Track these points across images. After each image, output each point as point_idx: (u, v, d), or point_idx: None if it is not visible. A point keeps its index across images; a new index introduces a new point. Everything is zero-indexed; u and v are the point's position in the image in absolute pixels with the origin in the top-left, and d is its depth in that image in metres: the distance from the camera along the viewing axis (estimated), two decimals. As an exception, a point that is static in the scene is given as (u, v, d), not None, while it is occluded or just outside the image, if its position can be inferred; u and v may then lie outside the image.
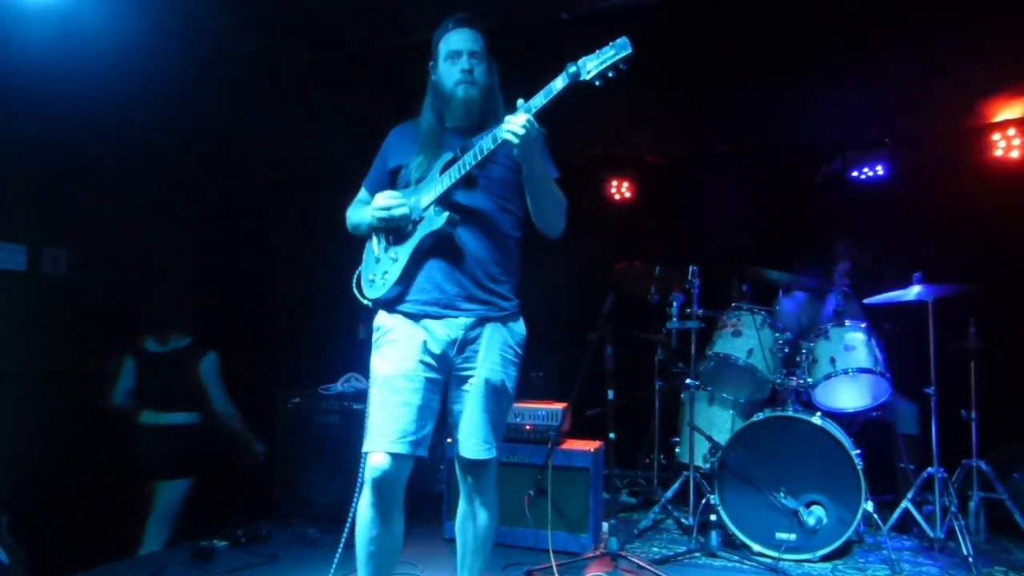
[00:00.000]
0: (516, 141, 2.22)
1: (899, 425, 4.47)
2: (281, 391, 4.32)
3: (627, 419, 4.69)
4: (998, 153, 5.06)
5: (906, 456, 4.37)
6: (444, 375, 2.45)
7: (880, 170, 5.40)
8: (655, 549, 3.89)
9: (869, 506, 3.61)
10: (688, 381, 4.26)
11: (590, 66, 2.17)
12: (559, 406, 3.98)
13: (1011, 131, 5.01)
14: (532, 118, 2.23)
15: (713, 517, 3.81)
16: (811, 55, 4.35)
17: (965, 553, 3.53)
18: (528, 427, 3.96)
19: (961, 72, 4.46)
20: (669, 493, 4.23)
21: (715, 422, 4.44)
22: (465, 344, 2.44)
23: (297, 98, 4.50)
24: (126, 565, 3.54)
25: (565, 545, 3.70)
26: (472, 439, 2.44)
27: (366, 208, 2.55)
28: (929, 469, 3.87)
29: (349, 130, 4.36)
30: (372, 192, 2.61)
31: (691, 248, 4.60)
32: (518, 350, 2.55)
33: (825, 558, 3.63)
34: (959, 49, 4.20)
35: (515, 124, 2.21)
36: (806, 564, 3.62)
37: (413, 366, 2.36)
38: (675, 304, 4.38)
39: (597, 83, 2.19)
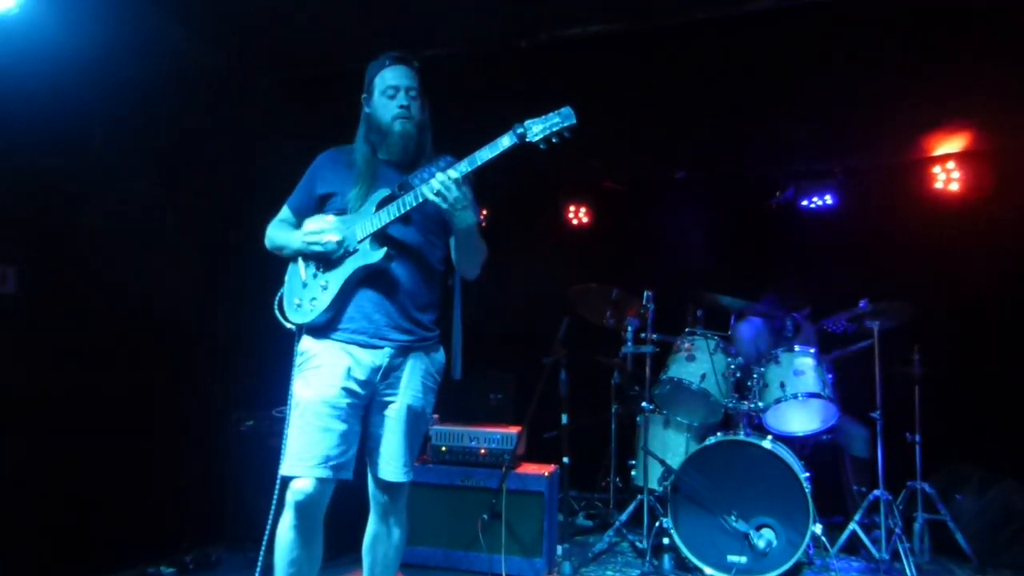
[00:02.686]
0: (443, 202, 2.33)
1: (849, 448, 4.57)
2: (234, 414, 4.25)
3: (585, 442, 4.73)
4: (938, 185, 5.26)
5: (855, 478, 4.48)
6: (366, 400, 2.49)
7: (829, 199, 5.57)
8: (609, 573, 3.90)
9: (818, 529, 3.68)
10: (643, 405, 4.31)
11: (536, 129, 2.30)
12: (514, 430, 3.99)
13: (950, 164, 5.21)
14: (459, 179, 2.32)
15: (666, 540, 3.85)
16: (764, 89, 4.50)
17: (909, 574, 3.62)
18: (483, 451, 3.96)
19: (905, 108, 4.65)
20: (624, 516, 4.27)
21: (670, 445, 4.49)
22: (389, 371, 2.49)
23: (260, 118, 4.49)
24: (68, 593, 3.44)
25: (519, 570, 3.70)
26: (392, 463, 2.50)
27: (292, 231, 2.59)
28: (875, 491, 3.97)
29: (312, 152, 4.36)
30: (296, 214, 2.65)
31: (646, 273, 4.68)
32: (437, 377, 2.63)
33: (775, 580, 3.69)
34: (903, 87, 4.39)
35: (446, 184, 2.31)
36: (756, 586, 3.67)
37: (336, 392, 2.39)
38: (630, 328, 4.44)
39: (542, 146, 2.32)
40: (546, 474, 3.85)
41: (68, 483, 3.59)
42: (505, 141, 2.34)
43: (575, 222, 6.30)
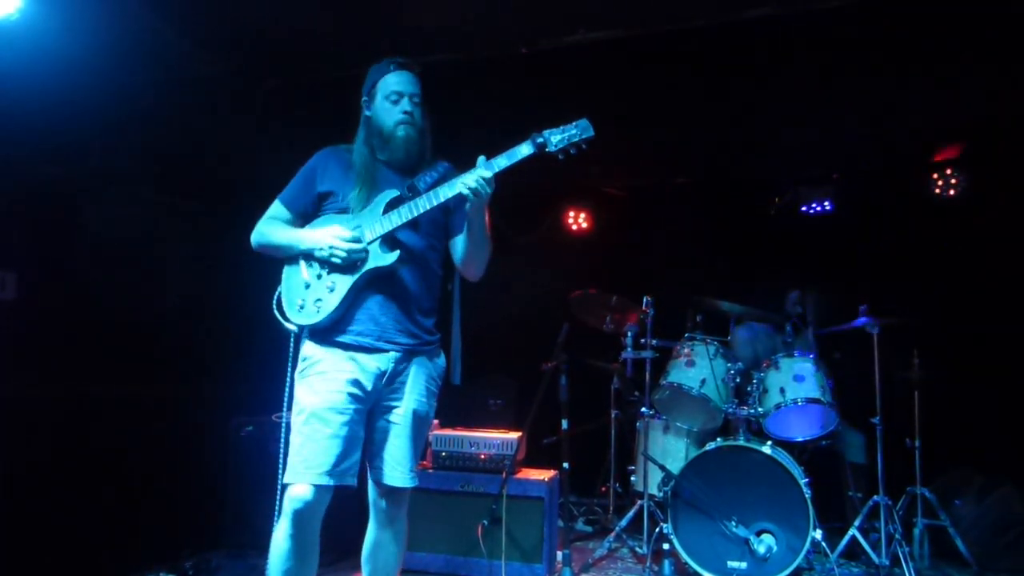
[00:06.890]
0: (475, 199, 2.36)
1: (847, 454, 4.57)
2: (233, 419, 4.25)
3: (585, 447, 4.73)
4: (937, 191, 5.27)
5: (854, 484, 4.47)
6: (370, 405, 2.48)
7: (828, 205, 5.58)
8: (609, 579, 3.90)
9: (818, 534, 3.67)
10: (643, 410, 4.30)
11: (555, 140, 2.38)
12: (514, 435, 3.99)
13: (949, 170, 5.23)
14: (492, 177, 2.35)
15: (666, 546, 3.84)
16: (764, 95, 4.51)
17: (909, 580, 3.62)
18: (483, 456, 3.95)
19: (904, 113, 4.66)
20: (624, 522, 4.26)
21: (670, 451, 4.48)
22: (394, 376, 2.49)
23: (260, 125, 4.50)
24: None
25: None
26: (399, 468, 2.49)
27: (292, 230, 2.56)
28: (875, 497, 3.97)
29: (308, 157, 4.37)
30: (291, 210, 2.60)
31: (646, 278, 4.68)
32: (439, 382, 2.64)
33: (775, 586, 3.68)
34: (902, 94, 4.40)
35: (481, 182, 2.33)
36: (756, 592, 3.67)
37: (342, 398, 2.39)
38: (630, 334, 4.44)
39: (560, 157, 2.39)
40: (546, 479, 3.85)
41: (68, 489, 3.58)
42: (524, 150, 2.39)
43: (575, 227, 6.31)
